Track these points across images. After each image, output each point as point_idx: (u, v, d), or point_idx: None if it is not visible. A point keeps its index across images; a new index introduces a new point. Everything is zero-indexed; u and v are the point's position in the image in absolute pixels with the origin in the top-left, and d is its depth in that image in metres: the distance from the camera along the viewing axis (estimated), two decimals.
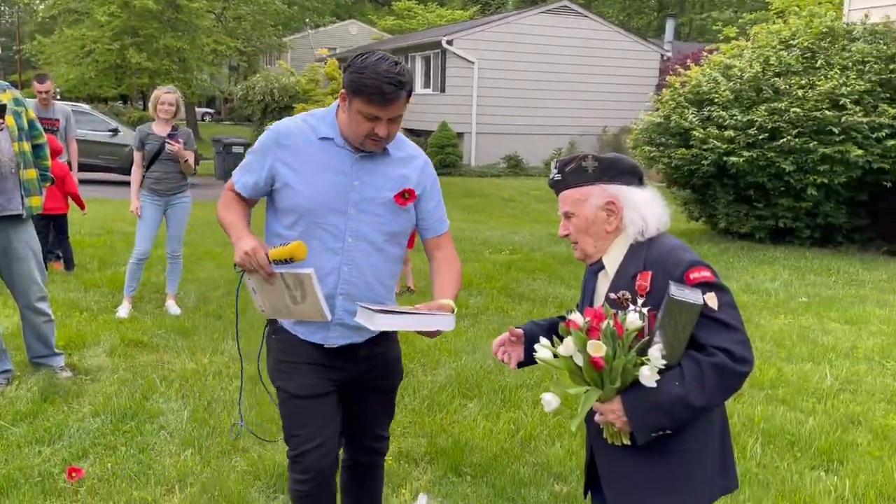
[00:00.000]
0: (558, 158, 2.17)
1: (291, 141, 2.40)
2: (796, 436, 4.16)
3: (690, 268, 1.91)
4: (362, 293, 2.42)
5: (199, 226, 11.15)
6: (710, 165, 10.36)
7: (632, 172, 2.09)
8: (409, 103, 2.35)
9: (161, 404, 4.18)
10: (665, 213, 2.07)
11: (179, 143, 5.90)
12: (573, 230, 2.12)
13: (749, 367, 1.86)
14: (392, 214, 2.43)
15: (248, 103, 21.74)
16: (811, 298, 7.51)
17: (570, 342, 1.86)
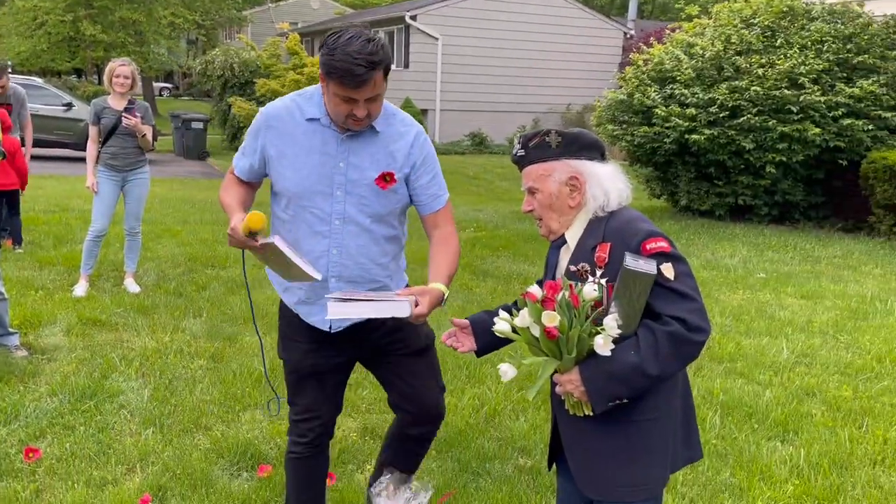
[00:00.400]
0: (522, 134, 2.16)
1: (279, 123, 2.40)
2: (754, 408, 4.25)
3: (647, 238, 1.92)
4: (355, 274, 2.43)
5: (159, 203, 10.96)
6: (672, 143, 10.46)
7: (594, 147, 2.10)
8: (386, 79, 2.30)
9: (121, 383, 4.11)
10: (626, 187, 2.09)
11: (136, 118, 5.75)
12: (537, 206, 2.12)
13: (704, 335, 1.88)
14: (377, 196, 2.40)
15: (208, 78, 21.25)
16: (769, 274, 7.66)
17: (525, 313, 1.87)
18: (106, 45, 27.67)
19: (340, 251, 2.40)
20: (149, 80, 32.13)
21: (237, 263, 7.23)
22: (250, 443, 3.49)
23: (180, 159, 18.72)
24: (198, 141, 18.94)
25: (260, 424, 3.76)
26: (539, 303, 1.87)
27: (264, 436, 3.65)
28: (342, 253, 2.40)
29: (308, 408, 2.59)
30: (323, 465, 2.73)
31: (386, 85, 2.30)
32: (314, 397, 2.57)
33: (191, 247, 7.85)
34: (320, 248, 2.40)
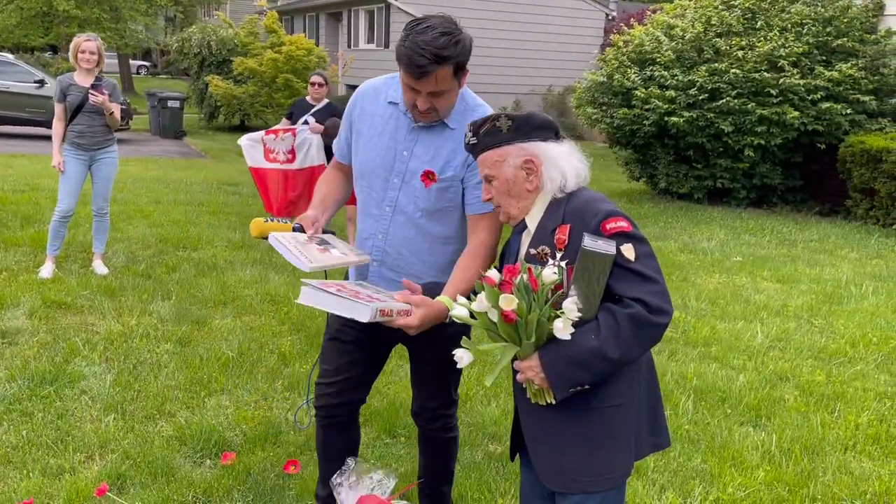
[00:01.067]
0: (471, 121, 2.09)
1: (366, 100, 2.44)
2: (727, 392, 4.23)
3: (606, 218, 1.86)
4: (396, 264, 2.42)
5: (132, 183, 10.77)
6: (652, 126, 10.41)
7: (546, 127, 2.03)
8: (461, 76, 2.24)
9: (83, 368, 4.00)
10: (584, 166, 2.02)
11: (104, 95, 5.59)
12: (495, 193, 2.06)
13: (666, 317, 1.83)
14: (427, 191, 2.35)
15: (184, 56, 20.86)
16: (745, 258, 7.66)
17: (483, 297, 1.81)
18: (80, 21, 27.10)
19: (385, 238, 2.40)
20: (125, 58, 31.61)
21: (209, 245, 7.12)
22: (214, 429, 3.41)
23: (156, 138, 18.43)
24: (174, 120, 18.64)
25: (225, 411, 3.68)
26: (497, 286, 1.80)
27: (229, 422, 3.57)
28: (387, 240, 2.40)
29: (326, 373, 2.56)
30: (332, 439, 2.64)
31: (457, 83, 2.25)
32: (336, 364, 2.54)
33: (162, 228, 7.71)
34: (369, 230, 2.43)
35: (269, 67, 17.04)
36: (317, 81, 7.42)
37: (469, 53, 2.25)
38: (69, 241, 6.70)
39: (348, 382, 2.56)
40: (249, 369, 4.17)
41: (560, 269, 1.89)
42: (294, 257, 2.16)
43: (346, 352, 2.54)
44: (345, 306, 2.04)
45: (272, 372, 4.17)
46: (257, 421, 3.59)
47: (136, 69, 43.17)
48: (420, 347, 2.51)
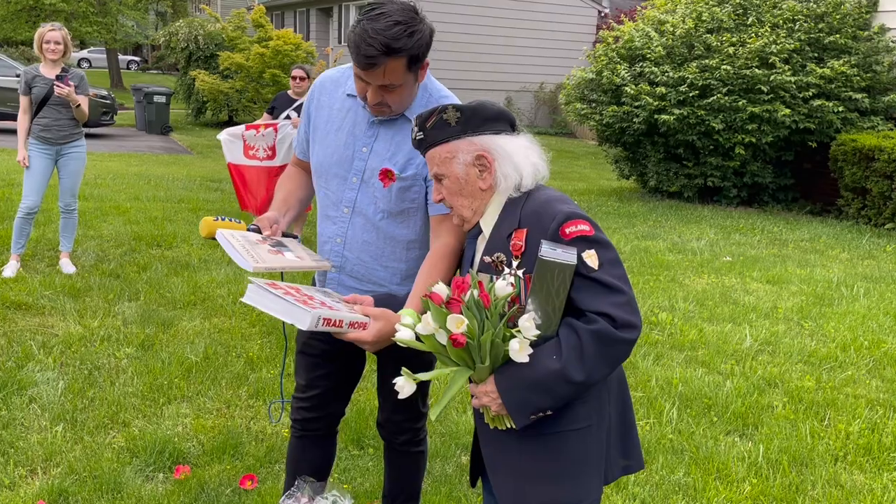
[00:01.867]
0: (417, 115, 1.89)
1: (323, 93, 2.27)
2: (713, 399, 4.06)
3: (566, 221, 1.67)
4: (357, 270, 2.24)
5: (112, 179, 10.54)
6: (641, 123, 10.24)
7: (499, 118, 1.84)
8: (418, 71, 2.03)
9: (35, 374, 3.79)
10: (543, 162, 1.84)
11: (70, 86, 5.37)
12: (446, 193, 1.87)
13: (634, 332, 1.64)
14: (388, 191, 2.16)
15: (171, 51, 20.61)
16: (735, 258, 7.49)
17: (429, 319, 1.61)
18: (67, 15, 26.83)
19: (344, 242, 2.23)
20: (114, 53, 31.29)
21: (184, 243, 6.91)
22: (169, 441, 3.21)
23: (142, 134, 18.17)
24: (160, 115, 18.36)
25: (184, 420, 3.48)
26: (444, 305, 1.60)
27: (187, 432, 3.37)
28: (346, 245, 2.23)
29: (299, 387, 2.44)
30: (305, 452, 2.48)
31: (412, 77, 2.03)
32: (306, 378, 2.40)
33: (138, 225, 7.49)
34: (328, 234, 2.26)
35: (256, 62, 16.82)
36: (298, 75, 7.22)
37: (428, 46, 2.05)
38: (38, 239, 6.49)
39: (323, 396, 2.40)
40: (213, 375, 3.97)
41: (517, 279, 1.71)
42: (239, 256, 1.96)
43: (316, 365, 2.38)
44: (286, 310, 1.84)
45: (237, 378, 3.97)
46: (217, 431, 3.40)
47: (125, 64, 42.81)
48: (385, 356, 2.32)
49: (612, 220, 9.38)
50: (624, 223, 9.17)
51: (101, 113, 16.52)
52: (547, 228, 1.68)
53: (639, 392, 4.13)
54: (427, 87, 2.23)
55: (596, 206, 10.32)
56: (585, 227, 1.67)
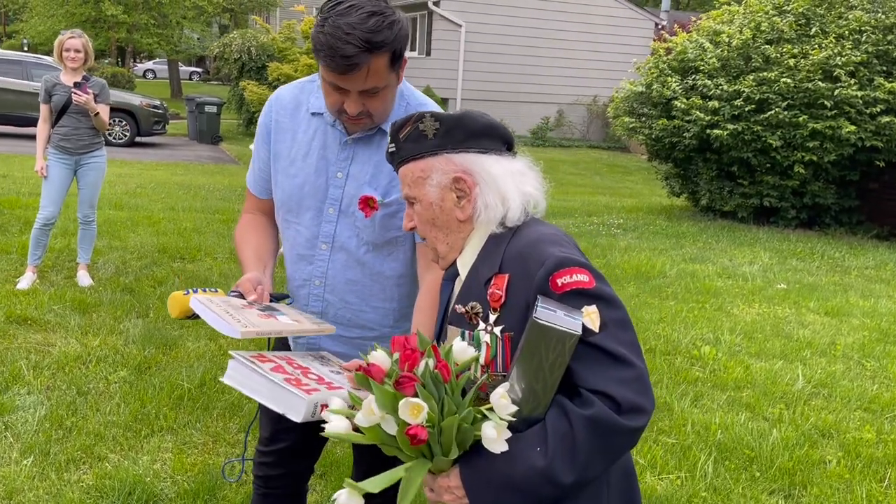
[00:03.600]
0: (392, 122, 1.56)
1: (282, 115, 1.95)
2: (757, 451, 3.61)
3: (558, 269, 1.31)
4: (342, 315, 1.94)
5: (153, 187, 10.52)
6: (693, 138, 9.72)
7: (489, 133, 1.48)
8: (399, 68, 1.74)
9: (18, 398, 3.57)
10: (538, 191, 1.48)
11: (89, 94, 5.21)
12: (418, 221, 1.53)
13: (642, 418, 1.27)
14: (371, 220, 1.87)
15: (224, 62, 20.83)
16: (790, 285, 6.94)
17: (371, 405, 1.24)
18: (128, 27, 27.46)
19: (325, 284, 1.92)
20: (175, 64, 31.94)
21: (208, 256, 6.72)
22: (140, 480, 2.93)
23: (193, 143, 18.35)
24: (211, 124, 18.54)
25: (163, 455, 3.21)
26: (390, 383, 1.25)
27: (165, 470, 3.09)
28: (326, 286, 1.92)
29: (261, 438, 2.14)
30: None
31: (395, 76, 1.74)
32: (268, 430, 2.10)
33: (165, 237, 7.35)
34: (303, 276, 1.93)
35: (305, 73, 16.77)
36: None
37: (407, 38, 1.74)
38: (61, 249, 6.38)
39: (288, 451, 2.09)
40: (206, 404, 3.69)
41: (493, 337, 1.36)
42: (221, 321, 1.60)
43: (279, 417, 2.04)
44: (275, 396, 1.52)
45: (231, 408, 3.69)
46: (197, 469, 3.11)
47: (188, 75, 43.81)
48: None
49: (660, 240, 8.89)
50: (672, 244, 8.67)
51: (154, 122, 16.75)
52: (532, 276, 1.33)
53: (671, 438, 3.71)
54: (403, 93, 1.91)
55: (643, 225, 9.83)
56: (583, 276, 1.31)
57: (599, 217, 10.43)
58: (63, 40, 5.32)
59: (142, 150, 15.73)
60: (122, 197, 9.43)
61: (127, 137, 16.20)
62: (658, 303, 6.13)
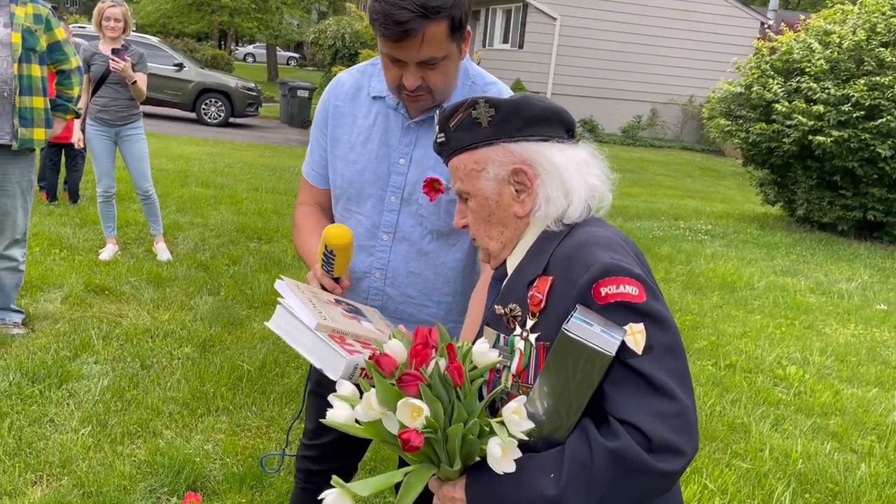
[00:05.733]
0: (440, 109, 1.41)
1: (341, 100, 1.86)
2: (841, 486, 3.31)
3: (604, 276, 1.14)
4: (402, 309, 1.86)
5: (241, 167, 10.74)
6: (793, 144, 9.18)
7: (549, 119, 1.32)
8: (461, 40, 1.62)
9: (84, 367, 3.63)
10: (604, 185, 1.33)
11: (127, 61, 5.18)
12: (471, 219, 1.39)
13: (678, 461, 1.09)
14: (435, 205, 1.77)
15: (319, 48, 21.16)
16: (892, 307, 6.44)
17: (372, 398, 1.13)
18: (231, 10, 28.24)
19: (385, 276, 1.83)
20: (273, 49, 32.71)
21: (285, 238, 6.77)
22: (190, 459, 2.91)
23: (284, 126, 18.72)
24: (302, 109, 18.85)
25: (216, 436, 3.19)
26: (395, 378, 1.13)
27: (216, 451, 3.07)
28: (387, 278, 1.83)
29: (305, 431, 2.08)
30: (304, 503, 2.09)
31: (456, 48, 1.63)
32: (313, 423, 2.04)
33: (245, 216, 7.45)
34: (361, 268, 1.85)
35: None
36: None
37: (468, 9, 1.61)
38: (143, 223, 6.53)
39: (330, 447, 2.01)
40: (263, 387, 3.67)
41: (527, 345, 1.21)
42: (302, 307, 1.49)
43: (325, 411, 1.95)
44: (318, 351, 1.44)
45: (288, 393, 3.65)
46: (247, 454, 3.07)
47: (285, 60, 44.86)
48: None
49: (749, 249, 8.44)
50: (762, 254, 8.22)
51: (248, 104, 17.19)
52: (575, 281, 1.18)
53: (746, 463, 3.45)
54: (469, 72, 1.79)
55: (733, 232, 9.37)
56: (632, 288, 1.14)
57: (687, 221, 10.01)
58: (103, 8, 5.27)
59: (234, 130, 16.13)
60: (210, 175, 9.65)
61: (221, 118, 16.67)
62: (743, 316, 5.79)
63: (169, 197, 7.85)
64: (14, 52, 3.66)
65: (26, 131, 3.75)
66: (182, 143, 12.74)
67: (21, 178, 3.86)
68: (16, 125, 3.70)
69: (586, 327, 1.08)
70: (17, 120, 3.71)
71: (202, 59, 23.99)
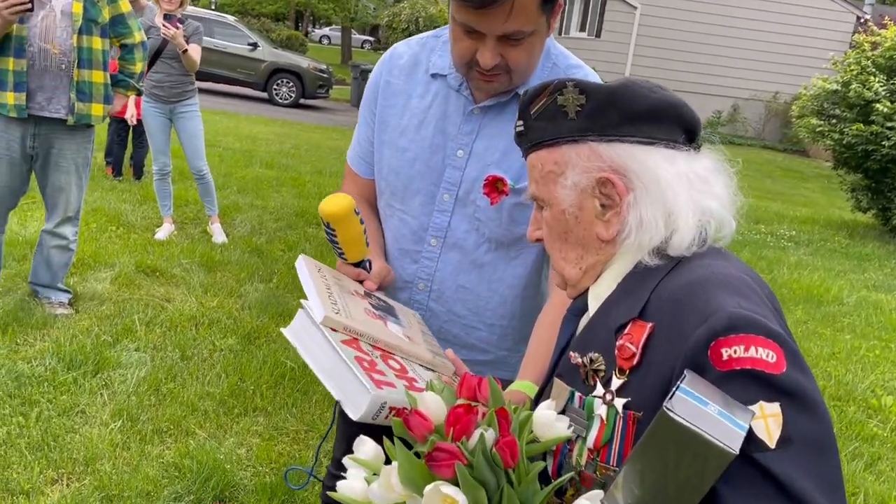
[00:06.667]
0: (524, 91, 1.10)
1: (394, 76, 1.57)
2: None
3: (728, 333, 0.82)
4: (447, 329, 1.56)
5: (306, 149, 10.63)
6: (893, 147, 8.48)
7: (659, 116, 1.00)
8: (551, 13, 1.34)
9: (123, 355, 3.47)
10: (725, 207, 1.00)
11: (179, 28, 5.01)
12: (546, 233, 1.09)
13: None
14: (497, 209, 1.48)
15: (393, 31, 20.99)
16: None
17: (393, 475, 0.84)
18: None
19: (430, 288, 1.56)
20: (348, 31, 32.79)
21: None
22: (220, 466, 2.70)
23: (354, 109, 18.61)
24: None
25: (251, 439, 2.97)
26: (426, 451, 0.84)
27: (249, 457, 2.85)
28: (431, 291, 1.56)
29: (334, 459, 1.85)
30: None
31: (545, 24, 1.35)
32: (341, 450, 1.80)
33: (306, 200, 7.28)
34: (402, 277, 1.58)
35: None
36: None
37: None
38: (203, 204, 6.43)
39: None
40: (306, 388, 3.44)
41: (611, 411, 0.91)
42: (315, 295, 1.22)
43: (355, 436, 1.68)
44: (337, 376, 1.13)
45: (331, 396, 3.41)
46: (282, 461, 2.85)
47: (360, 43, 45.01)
48: None
49: (838, 259, 7.84)
50: (852, 266, 7.61)
51: (318, 86, 17.15)
52: (687, 336, 0.86)
53: None
54: (550, 51, 1.49)
55: (819, 240, 8.75)
56: (767, 352, 0.81)
57: (768, 226, 9.41)
58: None
59: (304, 111, 16.10)
60: (275, 156, 9.55)
61: (292, 98, 16.67)
62: (831, 334, 5.30)
63: (231, 177, 7.75)
64: (74, 23, 3.52)
65: (83, 106, 3.61)
66: (251, 123, 12.73)
67: (77, 155, 3.72)
68: (73, 99, 3.56)
69: (699, 407, 0.77)
70: (75, 94, 3.57)
71: (277, 39, 24.14)
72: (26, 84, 3.44)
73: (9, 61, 3.41)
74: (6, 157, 3.55)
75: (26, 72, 3.43)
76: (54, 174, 3.69)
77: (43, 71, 3.48)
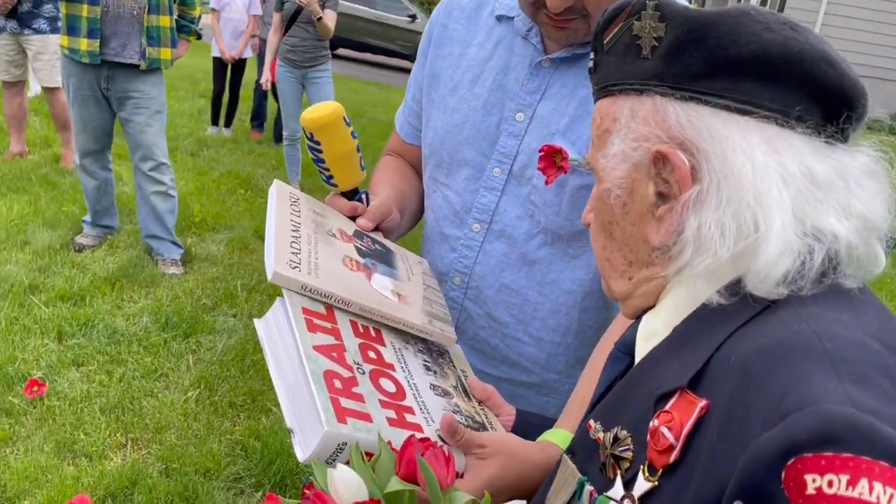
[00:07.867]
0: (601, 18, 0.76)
1: (453, 19, 1.27)
2: None
3: (817, 448, 0.46)
4: (483, 336, 1.25)
5: None
6: None
7: (777, 71, 0.61)
8: None
9: (220, 320, 3.43)
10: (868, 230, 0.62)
11: None
12: (593, 218, 0.76)
13: None
14: (559, 193, 1.17)
15: None
16: None
17: None
18: None
19: (466, 283, 1.24)
20: None
21: None
22: (285, 451, 2.55)
23: None
24: None
25: None
26: None
27: None
28: (468, 289, 1.24)
29: None
30: None
31: None
32: None
33: None
34: (441, 267, 1.26)
35: None
36: None
37: None
38: None
39: None
40: None
41: None
42: (272, 242, 0.98)
43: None
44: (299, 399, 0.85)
45: None
46: None
47: None
48: None
49: None
50: None
51: None
52: (751, 436, 0.51)
53: None
54: None
55: None
56: (880, 488, 0.45)
57: None
58: None
59: None
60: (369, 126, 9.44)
61: None
62: None
63: (368, 148, 7.68)
64: None
65: (154, 51, 3.72)
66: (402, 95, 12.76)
67: (151, 100, 3.80)
68: (143, 44, 3.67)
69: None
70: (145, 39, 3.66)
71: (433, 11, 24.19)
72: (100, 31, 3.55)
73: (83, 7, 3.51)
74: (91, 97, 3.70)
75: (100, 18, 3.53)
76: (133, 119, 3.77)
77: (117, 18, 3.58)
